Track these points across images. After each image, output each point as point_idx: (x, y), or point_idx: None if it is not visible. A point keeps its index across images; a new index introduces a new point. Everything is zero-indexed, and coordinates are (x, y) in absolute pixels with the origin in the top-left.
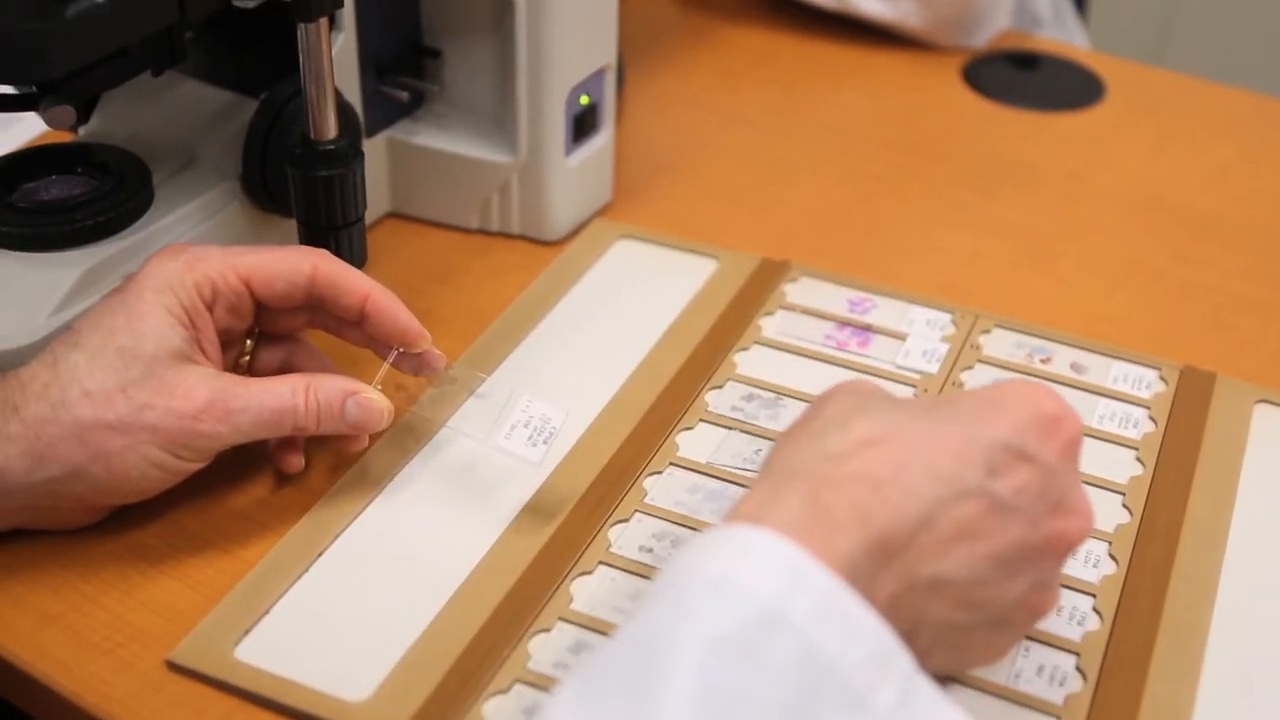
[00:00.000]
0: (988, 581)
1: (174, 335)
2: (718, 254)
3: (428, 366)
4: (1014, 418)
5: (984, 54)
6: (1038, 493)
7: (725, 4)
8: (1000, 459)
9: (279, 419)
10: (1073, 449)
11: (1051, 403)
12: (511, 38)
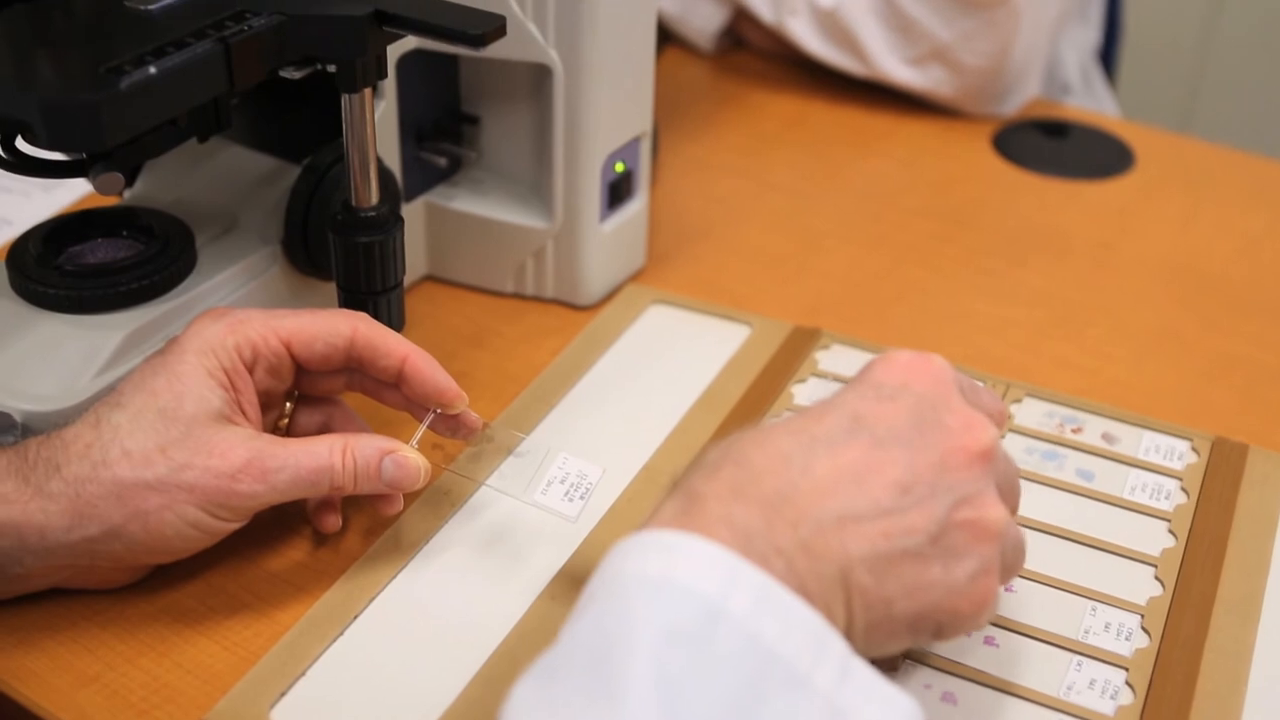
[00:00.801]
0: (898, 509)
1: (213, 397)
2: (750, 320)
3: (465, 428)
4: (874, 376)
5: (1014, 122)
6: (911, 420)
7: (757, 69)
8: (861, 408)
9: (316, 478)
10: (942, 379)
11: (911, 354)
12: (549, 106)
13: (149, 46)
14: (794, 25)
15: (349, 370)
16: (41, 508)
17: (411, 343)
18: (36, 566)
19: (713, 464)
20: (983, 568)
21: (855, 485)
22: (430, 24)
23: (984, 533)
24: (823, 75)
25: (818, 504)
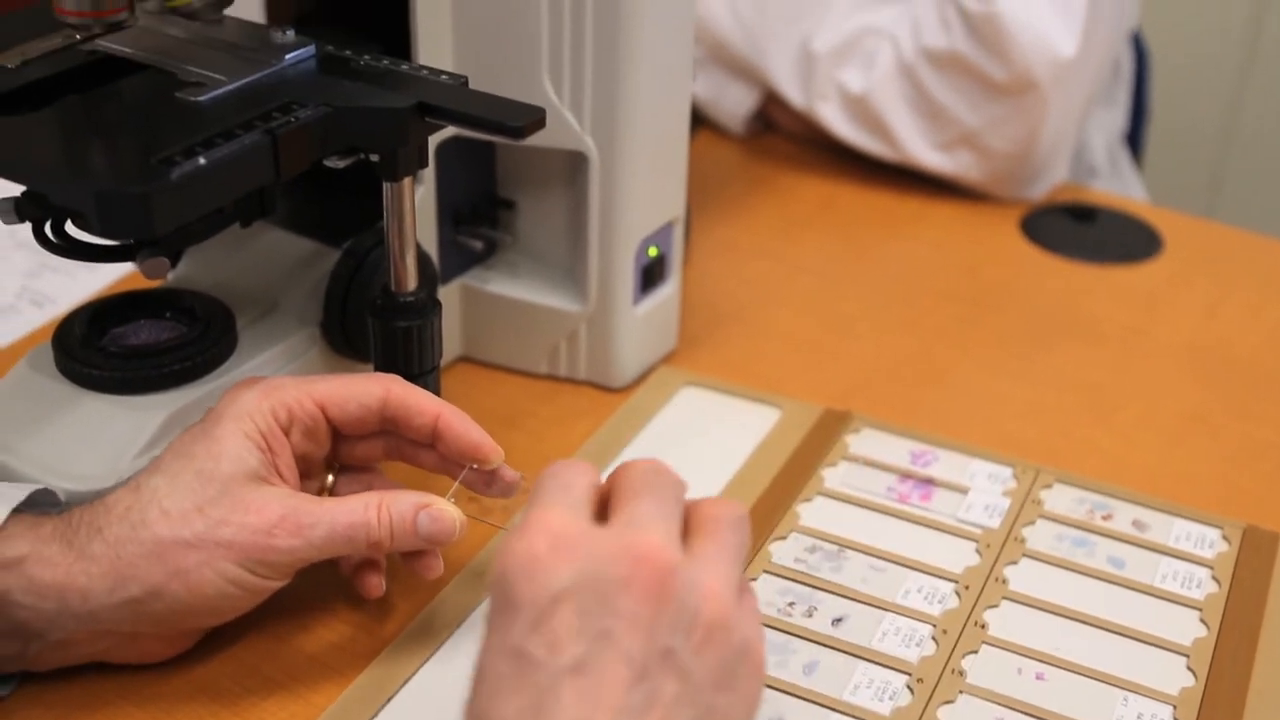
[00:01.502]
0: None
1: (250, 457)
2: (781, 403)
3: (502, 483)
4: (514, 595)
5: (1042, 206)
6: (579, 620)
7: (787, 152)
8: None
9: (352, 533)
10: (580, 551)
11: (526, 544)
12: (584, 191)
13: (198, 137)
14: (824, 110)
15: (385, 434)
16: (84, 570)
17: (444, 401)
18: (79, 632)
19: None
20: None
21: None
22: (471, 116)
23: (723, 639)
24: (852, 159)
25: None
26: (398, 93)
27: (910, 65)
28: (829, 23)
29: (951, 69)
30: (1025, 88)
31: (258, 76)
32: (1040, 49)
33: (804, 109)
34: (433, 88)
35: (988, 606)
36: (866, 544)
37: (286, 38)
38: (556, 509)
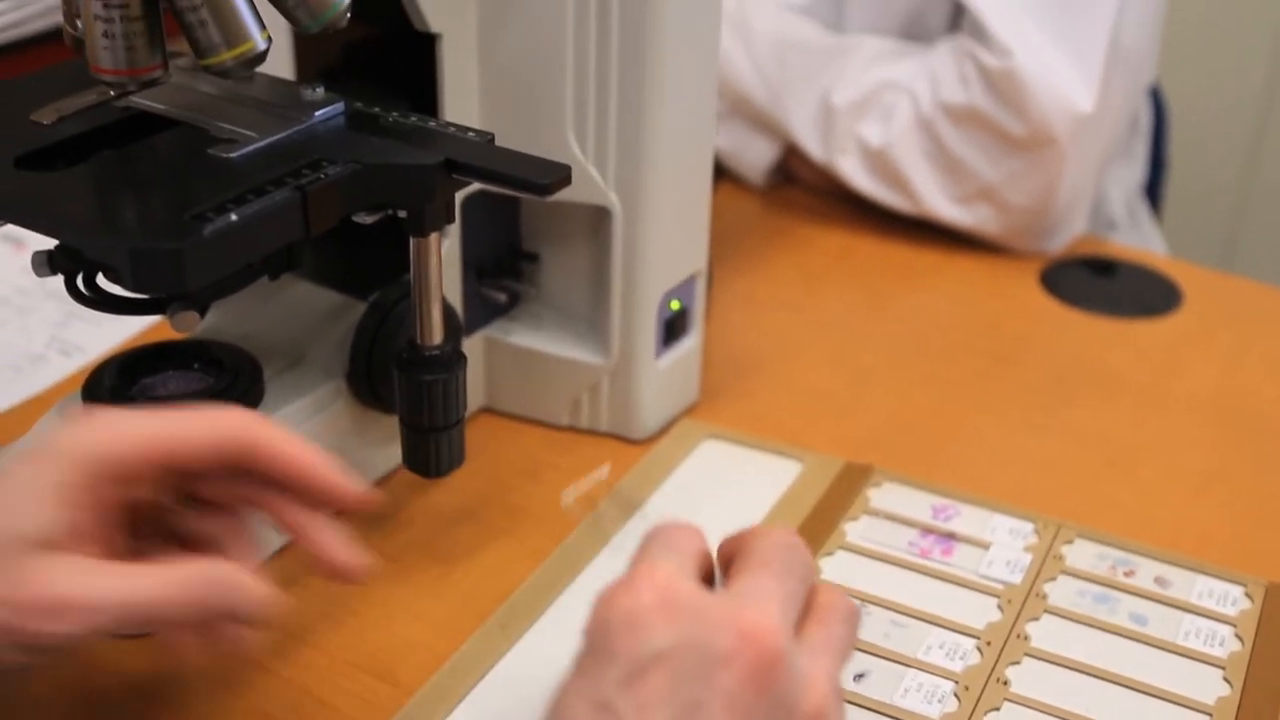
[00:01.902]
0: None
1: (47, 517)
2: (802, 456)
3: (333, 551)
4: (612, 645)
5: (1062, 259)
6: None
7: (807, 204)
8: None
9: (134, 613)
10: (685, 606)
11: (632, 594)
12: (608, 245)
13: (230, 194)
14: (844, 164)
15: (240, 478)
16: None
17: (306, 442)
18: None
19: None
20: None
21: None
22: (498, 173)
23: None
24: (871, 211)
25: None
26: (425, 149)
27: (929, 119)
28: (848, 77)
29: (970, 123)
30: (1043, 143)
31: (288, 133)
32: (1058, 104)
33: (824, 162)
34: (460, 144)
35: (1010, 663)
36: (888, 599)
37: (316, 94)
38: (666, 566)
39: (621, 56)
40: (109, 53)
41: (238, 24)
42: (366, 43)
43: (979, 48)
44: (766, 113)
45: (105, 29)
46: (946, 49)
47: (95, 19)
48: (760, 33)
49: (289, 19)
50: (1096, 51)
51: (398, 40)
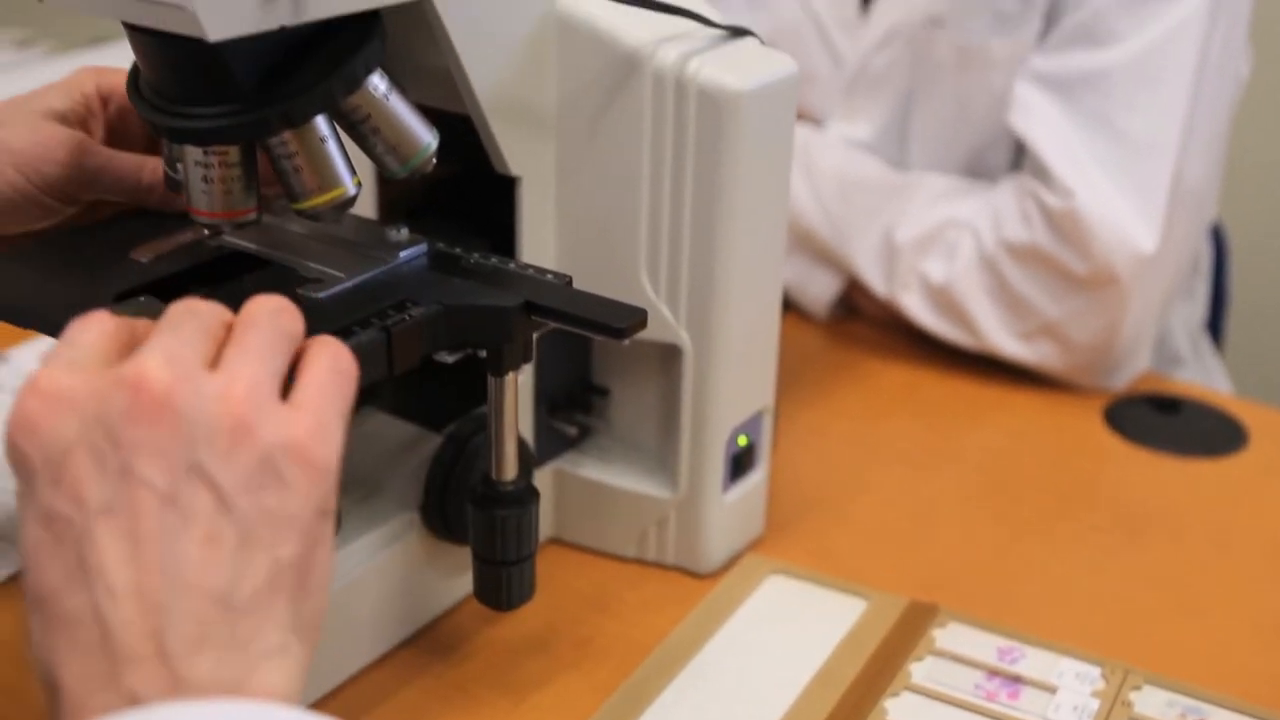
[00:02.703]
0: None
1: (62, 100)
2: (867, 594)
3: None
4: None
5: (1126, 395)
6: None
7: (870, 338)
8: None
9: (123, 175)
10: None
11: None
12: (677, 382)
13: (318, 333)
14: (907, 299)
15: None
16: None
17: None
18: None
19: None
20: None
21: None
22: (576, 315)
23: (250, 440)
24: (933, 345)
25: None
26: (506, 291)
27: (991, 257)
28: (911, 214)
29: (1032, 262)
30: (1106, 282)
31: (374, 274)
32: (1121, 244)
33: (887, 297)
34: (539, 286)
35: None
36: None
37: (401, 236)
38: (50, 368)
39: (695, 199)
40: (206, 196)
41: (330, 170)
42: (448, 182)
43: (1041, 187)
44: (830, 248)
45: (204, 174)
46: (1009, 187)
47: (195, 165)
48: (825, 170)
49: (378, 165)
50: (1159, 191)
51: (478, 180)
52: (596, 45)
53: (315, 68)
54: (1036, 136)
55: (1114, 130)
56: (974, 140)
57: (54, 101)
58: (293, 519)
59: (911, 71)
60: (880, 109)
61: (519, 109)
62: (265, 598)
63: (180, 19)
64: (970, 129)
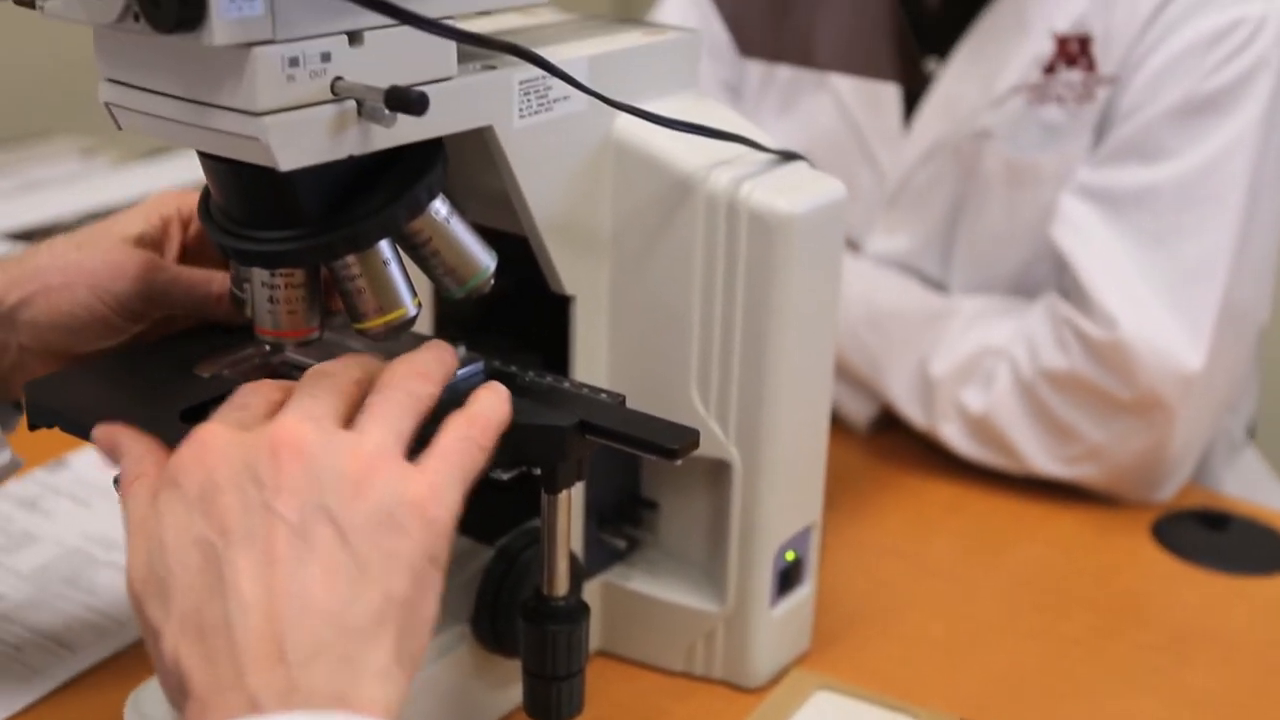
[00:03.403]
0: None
1: (138, 224)
2: (914, 711)
3: None
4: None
5: (1173, 510)
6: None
7: (914, 452)
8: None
9: (193, 290)
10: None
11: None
12: (726, 497)
13: None
14: (946, 429)
15: None
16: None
17: None
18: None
19: None
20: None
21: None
22: (630, 436)
23: (372, 488)
24: None
25: None
26: (560, 410)
27: (1030, 384)
28: (945, 343)
29: (1073, 389)
30: (1152, 406)
31: None
32: (1166, 368)
33: (926, 428)
34: (593, 406)
35: None
36: None
37: (459, 354)
38: (216, 424)
39: (745, 319)
40: (271, 315)
41: (392, 292)
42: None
43: (1079, 315)
44: (864, 378)
45: (270, 294)
46: (1042, 312)
47: (261, 285)
48: (854, 297)
49: (438, 285)
50: (1208, 313)
51: (533, 298)
52: (651, 169)
53: (380, 193)
54: (1080, 256)
55: (1164, 250)
56: (1022, 254)
57: (131, 226)
58: (405, 562)
59: (957, 185)
60: (923, 222)
61: (574, 230)
62: (375, 625)
63: (253, 149)
64: (1019, 243)
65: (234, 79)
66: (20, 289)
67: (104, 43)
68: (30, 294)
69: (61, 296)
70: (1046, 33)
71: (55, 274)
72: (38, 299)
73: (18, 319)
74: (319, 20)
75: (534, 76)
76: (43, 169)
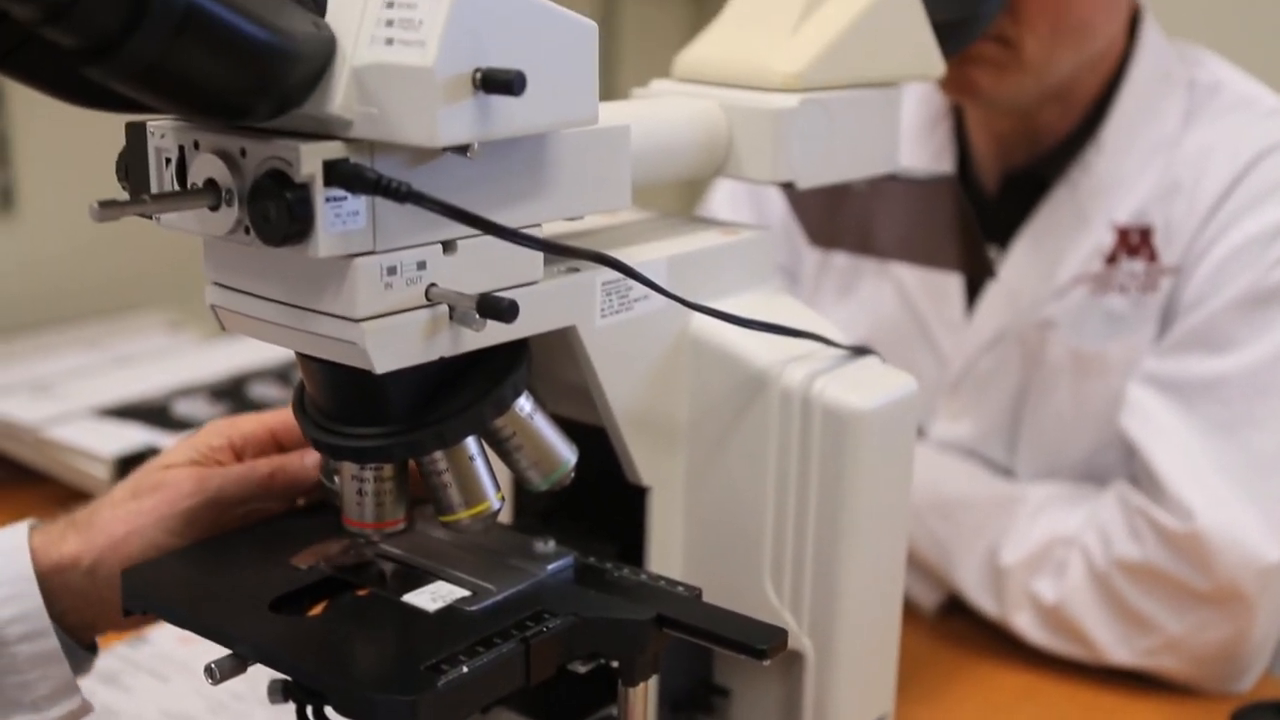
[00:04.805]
0: None
1: (186, 454)
2: None
3: None
4: None
5: (1252, 702)
6: None
7: (983, 638)
8: None
9: (243, 480)
10: None
11: None
12: (798, 686)
13: (461, 644)
14: (1019, 620)
15: None
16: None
17: None
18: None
19: None
20: None
21: None
22: (712, 632)
23: None
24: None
25: None
26: (639, 604)
27: (1104, 574)
28: (1015, 532)
29: (1148, 579)
30: (1230, 597)
31: (522, 587)
32: (1245, 560)
33: (998, 618)
34: (671, 600)
35: None
36: None
37: (548, 548)
38: None
39: (819, 511)
40: (359, 508)
41: (477, 487)
42: (580, 488)
43: (1153, 505)
44: (932, 566)
45: (359, 487)
46: (1113, 502)
47: (351, 479)
48: (920, 484)
49: (520, 478)
50: None
51: (610, 487)
52: (727, 365)
53: (467, 391)
54: (1151, 446)
55: (1236, 440)
56: (1090, 441)
57: (180, 456)
58: None
59: (1021, 372)
60: (987, 409)
61: (652, 423)
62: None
63: (351, 353)
64: (1086, 430)
65: (335, 287)
66: (92, 549)
67: (212, 250)
68: (101, 551)
69: (132, 544)
70: (1107, 223)
71: (119, 524)
72: (108, 555)
73: (97, 575)
74: (416, 231)
75: (616, 278)
76: (132, 343)
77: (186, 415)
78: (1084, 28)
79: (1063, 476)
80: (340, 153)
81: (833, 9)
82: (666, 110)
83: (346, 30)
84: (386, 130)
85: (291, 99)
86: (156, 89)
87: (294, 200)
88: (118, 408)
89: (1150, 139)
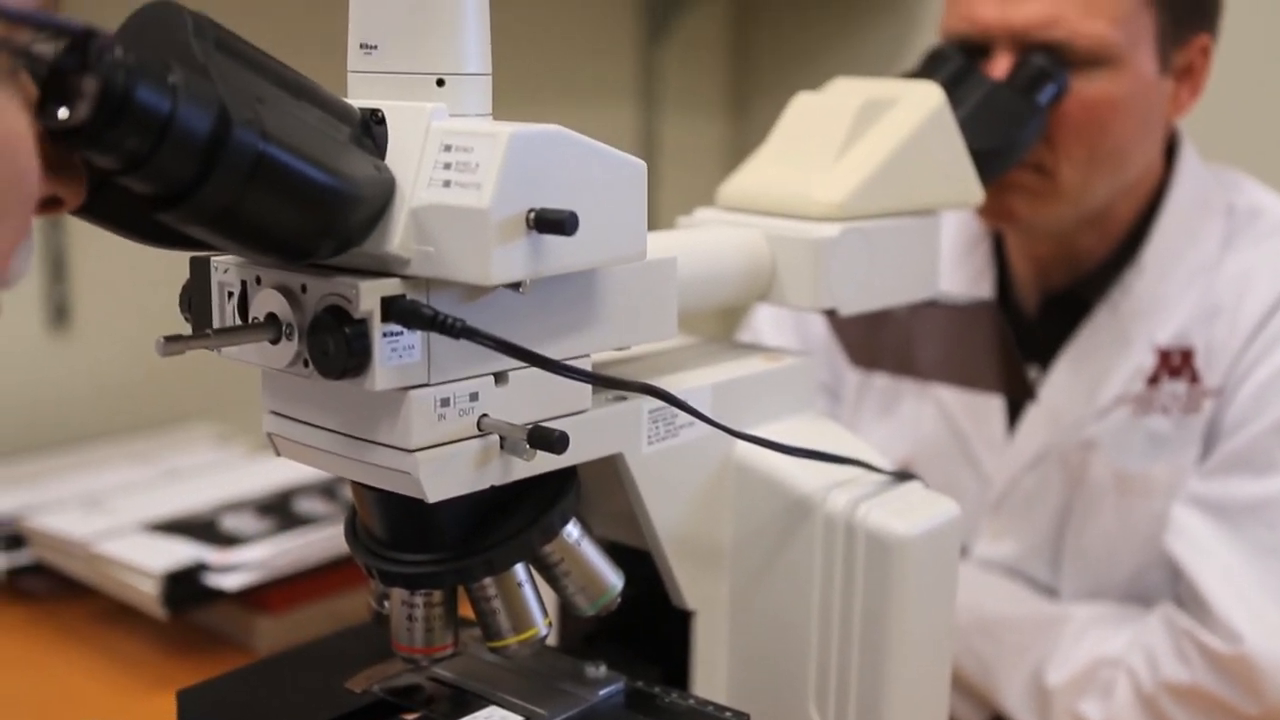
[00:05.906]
0: None
1: None
2: None
3: None
4: None
5: None
6: None
7: None
8: None
9: None
10: None
11: None
12: None
13: None
14: None
15: None
16: None
17: None
18: None
19: None
20: None
21: None
22: None
23: None
24: None
25: None
26: None
27: (1151, 696)
28: (1060, 652)
29: (1196, 702)
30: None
31: (574, 711)
32: None
33: None
34: None
35: None
36: None
37: (599, 673)
38: None
39: (863, 635)
40: (409, 632)
41: (525, 613)
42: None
43: (1199, 628)
44: (976, 686)
45: (409, 612)
46: (1159, 624)
47: (401, 604)
48: (963, 603)
49: (569, 604)
50: None
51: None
52: (771, 490)
53: (515, 518)
54: (1197, 568)
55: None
56: (1134, 562)
57: None
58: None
59: (1064, 492)
60: (1030, 529)
61: (697, 547)
62: None
63: (405, 482)
64: (1130, 551)
65: (390, 418)
66: None
67: (270, 381)
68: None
69: None
70: (1148, 345)
71: None
72: None
73: None
74: (469, 363)
75: (662, 406)
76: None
77: (233, 530)
78: (1120, 155)
79: (1107, 597)
80: (398, 289)
81: (874, 139)
82: (711, 240)
83: (405, 172)
84: (442, 268)
85: (353, 239)
86: (226, 232)
87: (352, 335)
88: (166, 523)
89: (1190, 262)
